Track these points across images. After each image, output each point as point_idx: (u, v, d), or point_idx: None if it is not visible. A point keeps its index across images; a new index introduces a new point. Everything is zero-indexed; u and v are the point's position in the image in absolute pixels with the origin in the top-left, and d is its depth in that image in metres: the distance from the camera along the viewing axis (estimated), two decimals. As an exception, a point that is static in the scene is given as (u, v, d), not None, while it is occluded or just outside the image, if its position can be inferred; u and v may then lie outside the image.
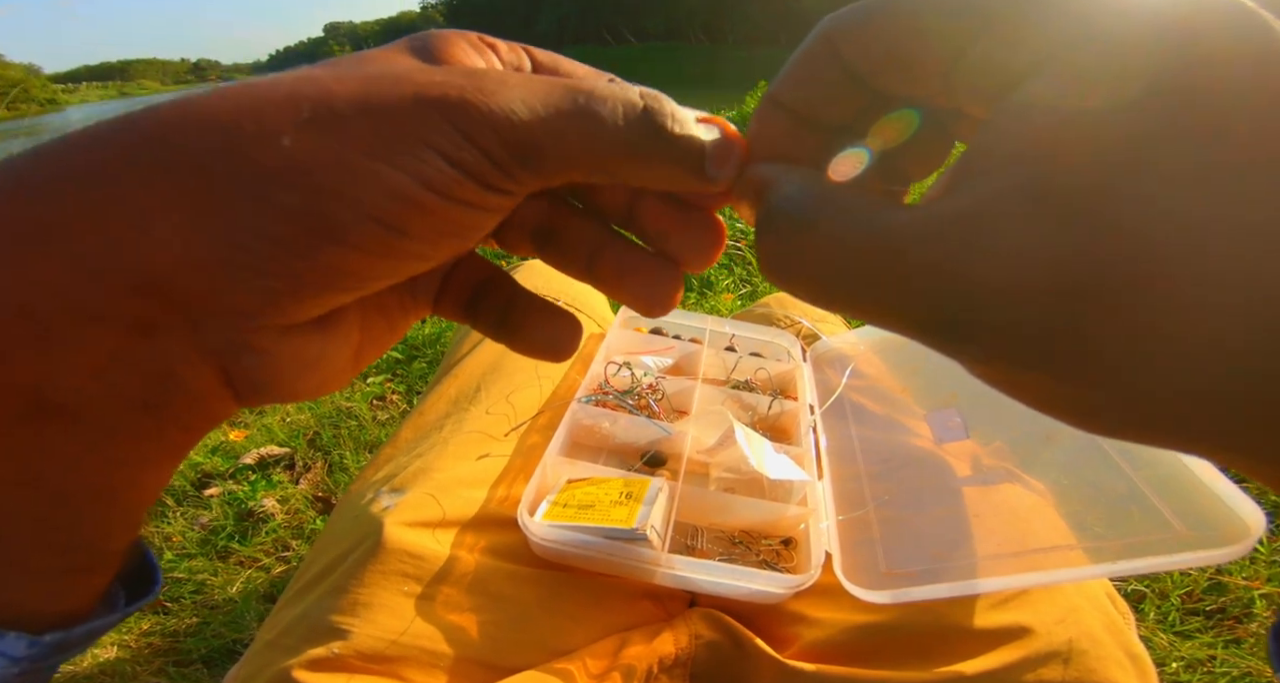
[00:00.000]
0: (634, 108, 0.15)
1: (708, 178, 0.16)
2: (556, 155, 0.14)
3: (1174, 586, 0.79)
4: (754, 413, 0.54)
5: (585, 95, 0.15)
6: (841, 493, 0.44)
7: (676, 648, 0.37)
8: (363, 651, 0.34)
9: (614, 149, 0.15)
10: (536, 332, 0.20)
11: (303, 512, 1.03)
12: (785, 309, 0.68)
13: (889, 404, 0.50)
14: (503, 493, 0.43)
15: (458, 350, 0.55)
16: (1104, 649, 0.34)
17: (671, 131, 0.15)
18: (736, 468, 0.44)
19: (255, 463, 1.12)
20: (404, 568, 0.37)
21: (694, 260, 0.19)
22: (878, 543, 0.39)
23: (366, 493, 0.42)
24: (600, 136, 0.15)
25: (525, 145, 0.14)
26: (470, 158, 0.14)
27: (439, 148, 0.13)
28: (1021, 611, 0.36)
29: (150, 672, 0.83)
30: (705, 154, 0.16)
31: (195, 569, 0.95)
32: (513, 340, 0.20)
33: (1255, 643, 0.73)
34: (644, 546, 0.37)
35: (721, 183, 0.16)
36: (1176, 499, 0.31)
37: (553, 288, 0.61)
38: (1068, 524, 0.34)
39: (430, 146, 0.13)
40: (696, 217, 0.18)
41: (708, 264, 0.19)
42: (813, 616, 0.39)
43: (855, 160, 0.18)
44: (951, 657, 0.35)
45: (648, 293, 0.18)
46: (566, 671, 0.35)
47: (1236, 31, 0.10)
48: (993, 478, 0.40)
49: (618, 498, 0.40)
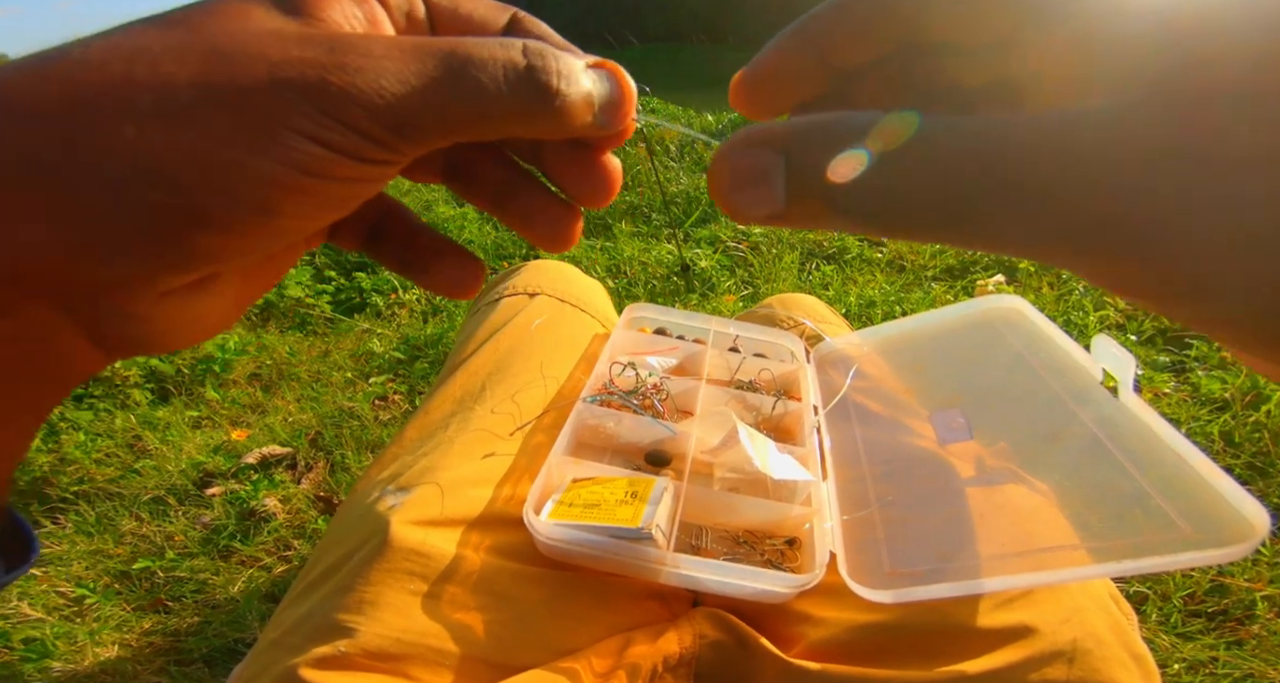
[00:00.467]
0: (516, 69, 0.14)
1: (598, 126, 0.16)
2: (436, 126, 0.14)
3: (1176, 587, 0.79)
4: (758, 413, 0.54)
5: (461, 61, 0.14)
6: (845, 493, 0.45)
7: (681, 647, 0.37)
8: (369, 649, 0.34)
9: (498, 114, 0.14)
10: (439, 271, 0.20)
11: (304, 511, 1.03)
12: (788, 310, 0.68)
13: (892, 405, 0.50)
14: (508, 492, 0.43)
15: (462, 350, 0.55)
16: (1108, 650, 0.35)
17: (558, 90, 0.15)
18: (740, 468, 0.44)
19: (257, 463, 1.12)
20: (410, 567, 0.37)
21: (590, 199, 0.19)
22: (882, 543, 0.39)
23: (372, 492, 0.42)
24: (481, 104, 0.14)
25: (401, 119, 0.13)
26: (341, 138, 0.13)
27: (305, 132, 0.13)
28: (1026, 611, 0.36)
29: (151, 671, 0.83)
30: (595, 107, 0.16)
31: (197, 569, 0.95)
32: (416, 277, 0.20)
33: (1257, 645, 0.73)
34: (649, 545, 0.37)
35: (613, 129, 0.16)
36: (1181, 499, 0.31)
37: (558, 288, 0.61)
38: (1072, 525, 0.34)
39: (295, 131, 0.13)
40: (591, 158, 0.19)
41: (604, 203, 0.19)
42: (817, 615, 0.39)
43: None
44: (956, 656, 0.35)
45: (549, 231, 0.19)
46: (572, 670, 0.35)
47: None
48: (996, 479, 0.40)
49: (623, 497, 0.40)
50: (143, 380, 1.31)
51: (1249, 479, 0.90)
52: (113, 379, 1.28)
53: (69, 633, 0.86)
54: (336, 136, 0.13)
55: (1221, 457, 0.94)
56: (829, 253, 1.68)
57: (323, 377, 1.38)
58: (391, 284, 1.67)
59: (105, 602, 0.90)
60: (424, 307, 1.61)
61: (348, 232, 0.20)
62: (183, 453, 1.16)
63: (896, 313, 1.42)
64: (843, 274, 1.60)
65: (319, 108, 0.13)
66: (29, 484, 1.08)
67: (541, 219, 0.19)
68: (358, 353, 1.45)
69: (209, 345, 1.36)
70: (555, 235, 0.19)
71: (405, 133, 0.14)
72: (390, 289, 1.66)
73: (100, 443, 1.17)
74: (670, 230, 1.82)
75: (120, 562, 0.97)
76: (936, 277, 1.55)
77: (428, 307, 1.62)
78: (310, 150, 0.13)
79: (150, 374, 1.32)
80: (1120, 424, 0.36)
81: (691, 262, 1.63)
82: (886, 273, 1.58)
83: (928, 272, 1.56)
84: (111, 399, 1.27)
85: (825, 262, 1.66)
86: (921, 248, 1.61)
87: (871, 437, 0.48)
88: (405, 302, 1.62)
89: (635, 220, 1.97)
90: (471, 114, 0.14)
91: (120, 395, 1.27)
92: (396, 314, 1.59)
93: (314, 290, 1.63)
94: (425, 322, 1.55)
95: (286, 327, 1.57)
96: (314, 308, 1.59)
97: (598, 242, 1.86)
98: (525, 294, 0.60)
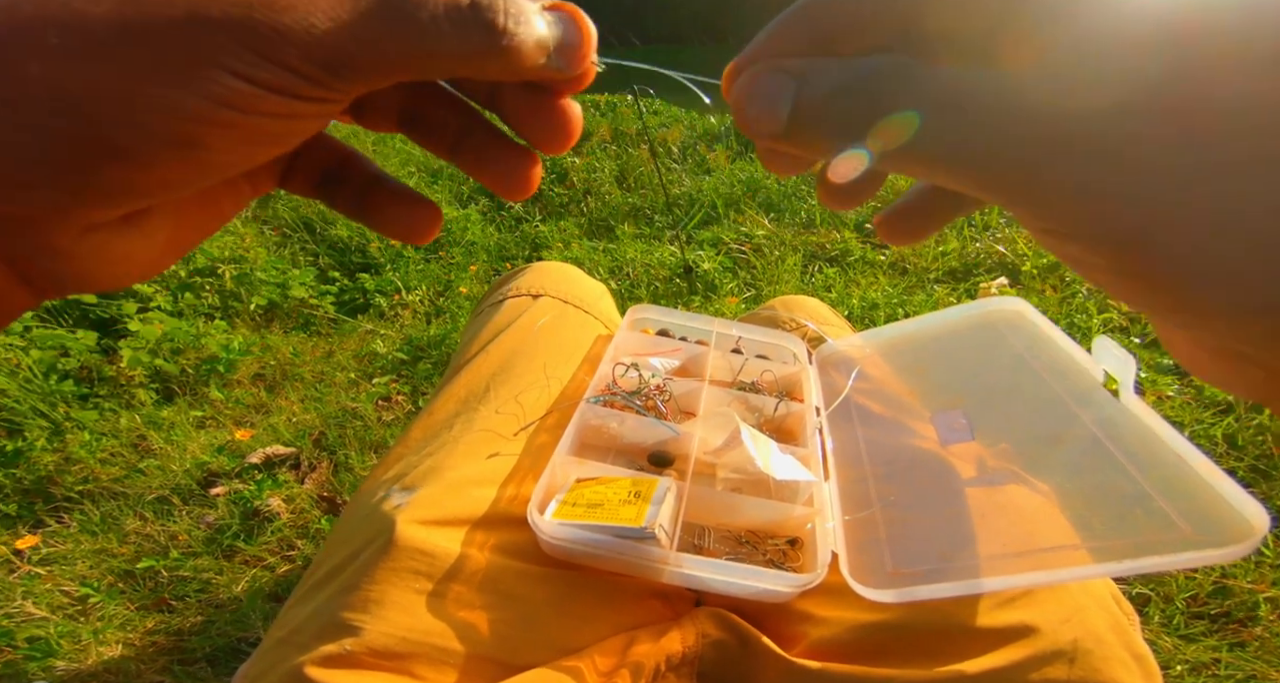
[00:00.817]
0: (458, 5, 0.14)
1: (554, 70, 0.16)
2: (372, 65, 0.14)
3: (1178, 589, 0.79)
4: (760, 414, 0.54)
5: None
6: (847, 494, 0.45)
7: (684, 647, 0.37)
8: (375, 647, 0.34)
9: (439, 53, 0.14)
10: (395, 217, 0.20)
11: (308, 511, 1.04)
12: (791, 312, 0.68)
13: (894, 407, 0.51)
14: (512, 492, 0.43)
15: (466, 351, 0.56)
16: (1109, 650, 0.35)
17: (505, 28, 0.14)
18: (743, 468, 0.44)
19: (261, 463, 1.13)
20: (415, 566, 0.37)
21: (549, 145, 0.19)
22: (884, 543, 0.40)
23: (377, 491, 0.42)
24: (421, 42, 0.14)
25: (334, 57, 0.13)
26: (269, 76, 0.13)
27: (230, 68, 0.12)
28: (1027, 610, 0.36)
29: (154, 670, 0.83)
30: (549, 49, 0.15)
31: (200, 568, 0.96)
32: (372, 222, 0.20)
33: (1260, 647, 0.73)
34: (652, 544, 0.38)
35: (570, 73, 0.16)
36: (1181, 500, 0.31)
37: (561, 290, 0.62)
38: (1073, 525, 0.34)
39: (220, 67, 0.12)
40: (549, 102, 0.18)
41: (562, 149, 0.19)
42: (819, 614, 0.39)
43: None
44: (957, 656, 0.35)
45: (506, 179, 0.19)
46: (576, 668, 0.35)
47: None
48: (998, 479, 0.40)
49: (626, 497, 0.40)
50: (147, 380, 1.31)
51: (1252, 482, 0.90)
52: (117, 379, 1.29)
53: (73, 632, 0.86)
54: (264, 74, 0.13)
55: (1225, 460, 0.94)
56: (831, 255, 1.68)
57: (326, 377, 1.38)
58: (395, 285, 1.67)
59: (109, 601, 0.91)
60: (427, 308, 1.62)
61: (300, 177, 0.20)
62: (187, 453, 1.16)
63: (899, 315, 1.42)
64: (845, 276, 1.60)
65: (245, 45, 0.12)
66: (34, 483, 1.08)
67: (497, 166, 0.19)
68: (361, 354, 1.46)
69: (213, 345, 1.37)
70: (511, 182, 0.19)
71: (339, 72, 0.13)
72: (394, 290, 1.67)
73: (105, 442, 1.17)
74: (673, 232, 1.82)
75: (124, 561, 0.97)
76: (939, 279, 1.55)
77: (431, 308, 1.62)
78: (235, 85, 0.13)
79: (155, 374, 1.33)
80: (1121, 425, 0.36)
81: (694, 263, 1.64)
82: (889, 275, 1.58)
83: (930, 274, 1.56)
84: (116, 399, 1.27)
85: (828, 264, 1.66)
86: (924, 250, 1.61)
87: (873, 438, 0.49)
88: (409, 303, 1.62)
89: (638, 222, 1.98)
90: (410, 53, 0.14)
91: (125, 395, 1.28)
92: (400, 315, 1.59)
93: (318, 291, 1.64)
94: (428, 323, 1.56)
95: (290, 327, 1.58)
96: (318, 309, 1.60)
97: (600, 243, 1.86)
98: (529, 295, 0.60)
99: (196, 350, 1.37)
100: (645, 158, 2.11)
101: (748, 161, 2.15)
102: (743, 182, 2.01)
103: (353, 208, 0.20)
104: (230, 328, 1.49)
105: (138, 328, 1.33)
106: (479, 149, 0.19)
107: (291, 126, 0.14)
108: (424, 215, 0.20)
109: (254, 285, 1.57)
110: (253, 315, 1.55)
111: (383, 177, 0.20)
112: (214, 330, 1.42)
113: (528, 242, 1.92)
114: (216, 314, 1.52)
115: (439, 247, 1.84)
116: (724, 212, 1.93)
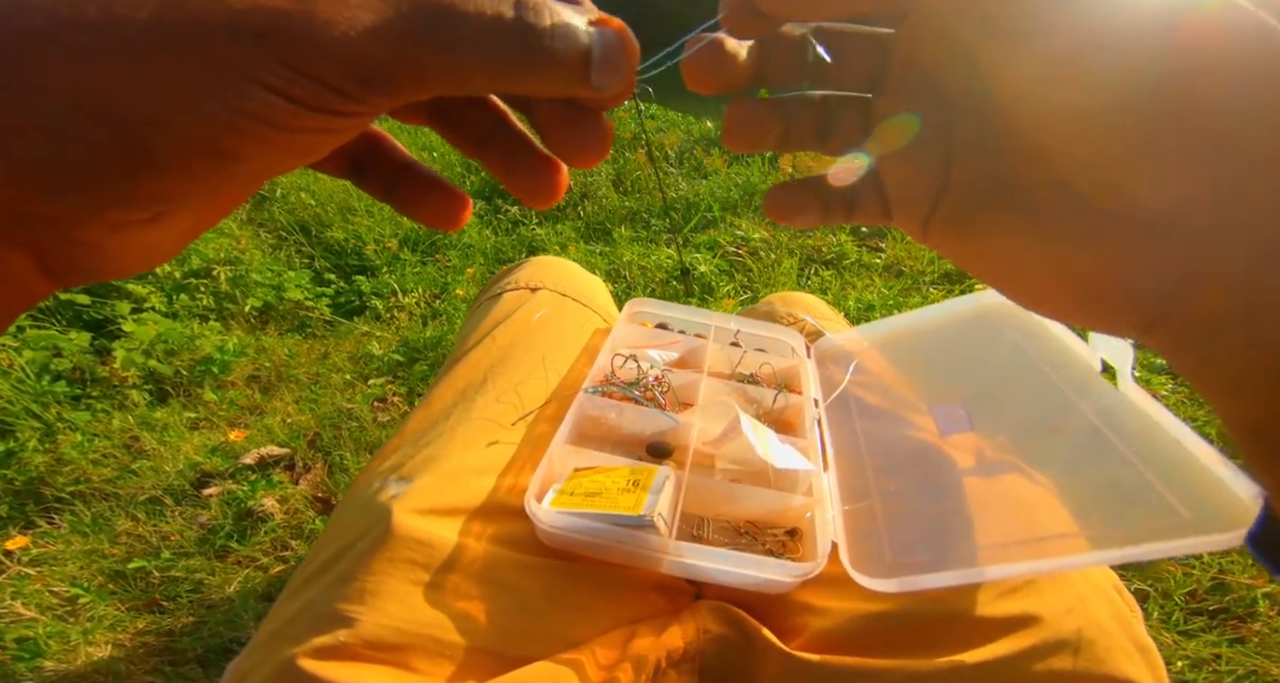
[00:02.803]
0: (501, 21, 0.14)
1: (593, 87, 0.15)
2: (410, 81, 0.13)
3: (1177, 585, 0.79)
4: (759, 406, 0.54)
5: (441, 12, 0.13)
6: (846, 484, 0.45)
7: (685, 642, 0.37)
8: (370, 639, 0.34)
9: (479, 70, 0.14)
10: (426, 203, 0.20)
11: (302, 512, 1.03)
12: (789, 307, 0.68)
13: (892, 399, 0.51)
14: (510, 481, 0.43)
15: (464, 343, 0.55)
16: (1112, 640, 0.34)
17: (549, 47, 0.14)
18: (742, 458, 0.44)
19: (255, 463, 1.12)
20: (412, 556, 0.37)
21: (577, 160, 0.18)
22: (883, 533, 0.39)
23: (374, 482, 0.42)
24: (461, 58, 0.13)
25: (371, 72, 0.13)
26: (304, 92, 0.13)
27: (265, 83, 0.12)
28: (1029, 600, 0.36)
29: (145, 671, 0.82)
30: (591, 65, 0.15)
31: (192, 568, 0.94)
32: (402, 207, 0.20)
33: (1259, 642, 0.73)
34: (651, 533, 0.37)
35: (611, 90, 0.16)
36: (1181, 486, 0.31)
37: (560, 284, 0.61)
38: (1073, 513, 0.34)
39: (256, 82, 0.12)
40: (583, 118, 0.18)
41: (591, 165, 0.19)
42: (820, 605, 0.39)
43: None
44: (959, 646, 0.35)
45: (530, 186, 0.19)
46: (576, 661, 0.35)
47: None
48: (997, 469, 0.40)
49: (625, 486, 0.40)
50: (141, 381, 1.30)
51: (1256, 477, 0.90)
52: (110, 380, 1.28)
53: (62, 632, 0.85)
54: (299, 90, 0.12)
55: (1220, 458, 0.94)
56: (828, 258, 1.69)
57: (321, 378, 1.37)
58: (391, 287, 1.67)
59: (99, 601, 0.90)
60: (424, 310, 1.61)
61: (331, 160, 0.20)
62: (180, 454, 1.15)
63: (895, 317, 1.42)
64: (841, 279, 1.60)
65: (282, 60, 0.12)
66: (25, 484, 1.07)
67: (523, 172, 0.19)
68: (357, 355, 1.45)
69: (207, 347, 1.36)
70: (536, 190, 0.19)
71: (375, 87, 0.13)
72: (390, 293, 1.66)
73: (97, 443, 1.16)
74: (670, 235, 1.82)
75: (115, 562, 0.96)
76: (934, 282, 1.55)
77: (427, 310, 1.61)
78: (271, 101, 0.12)
79: (149, 375, 1.32)
80: (1119, 413, 0.36)
81: (691, 266, 1.64)
82: (885, 278, 1.59)
83: (926, 277, 1.56)
84: (109, 400, 1.26)
85: (824, 267, 1.66)
86: (920, 253, 1.62)
87: (872, 430, 0.49)
88: (405, 305, 1.62)
89: (635, 226, 1.98)
90: (450, 69, 0.13)
91: (118, 396, 1.27)
92: (395, 317, 1.59)
93: (313, 293, 1.63)
94: (424, 325, 1.55)
95: (285, 329, 1.57)
96: (313, 310, 1.59)
97: (597, 246, 1.86)
98: (528, 289, 0.60)
99: (191, 352, 1.36)
100: (642, 161, 2.11)
101: (744, 166, 2.16)
102: (739, 185, 2.01)
103: (382, 192, 0.20)
104: (225, 329, 1.48)
105: (132, 329, 1.32)
106: (505, 153, 0.19)
107: (324, 139, 0.14)
108: (453, 203, 0.20)
109: (249, 287, 1.56)
110: (248, 317, 1.54)
111: (413, 163, 0.20)
112: (208, 332, 1.41)
113: (524, 245, 1.92)
114: (211, 316, 1.51)
115: (435, 249, 1.84)
116: (720, 215, 1.93)
